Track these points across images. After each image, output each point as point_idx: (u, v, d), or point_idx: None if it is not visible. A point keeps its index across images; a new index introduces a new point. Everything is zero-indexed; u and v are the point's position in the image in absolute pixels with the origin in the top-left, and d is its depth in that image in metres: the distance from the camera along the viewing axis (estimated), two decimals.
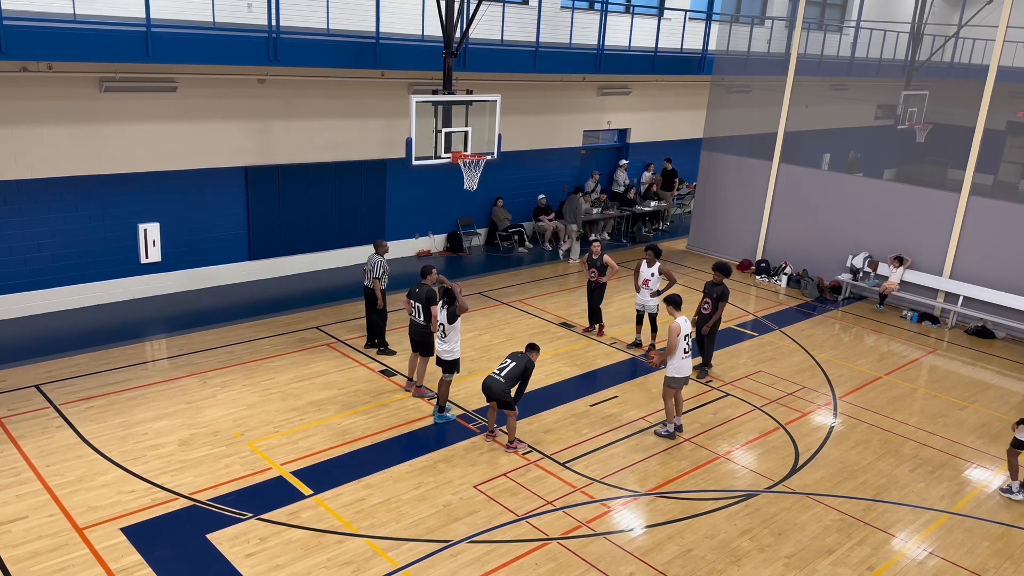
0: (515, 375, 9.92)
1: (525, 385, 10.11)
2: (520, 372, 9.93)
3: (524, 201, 20.05)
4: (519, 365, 9.94)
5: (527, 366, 10.00)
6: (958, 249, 15.99)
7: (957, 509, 9.64)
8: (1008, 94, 20.31)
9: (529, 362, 10.06)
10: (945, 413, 12.18)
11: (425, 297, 10.90)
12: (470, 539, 8.42)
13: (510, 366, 9.94)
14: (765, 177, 18.79)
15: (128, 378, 11.47)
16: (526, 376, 10.01)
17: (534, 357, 10.19)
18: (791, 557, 8.50)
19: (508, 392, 9.90)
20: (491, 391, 9.98)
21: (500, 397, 9.95)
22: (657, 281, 13.00)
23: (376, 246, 12.50)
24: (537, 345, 10.33)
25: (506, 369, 9.93)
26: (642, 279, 13.08)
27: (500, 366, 10.05)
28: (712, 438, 10.90)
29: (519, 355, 10.10)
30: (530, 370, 10.05)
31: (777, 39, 22.55)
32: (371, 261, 12.36)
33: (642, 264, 13.15)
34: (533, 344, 10.33)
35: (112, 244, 13.95)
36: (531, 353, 10.18)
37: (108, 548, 7.89)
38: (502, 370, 9.95)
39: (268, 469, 9.44)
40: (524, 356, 10.09)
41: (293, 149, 15.72)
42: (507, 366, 9.96)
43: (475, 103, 13.59)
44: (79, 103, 13.01)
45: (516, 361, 9.99)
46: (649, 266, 13.03)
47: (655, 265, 13.01)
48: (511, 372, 9.90)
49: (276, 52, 13.13)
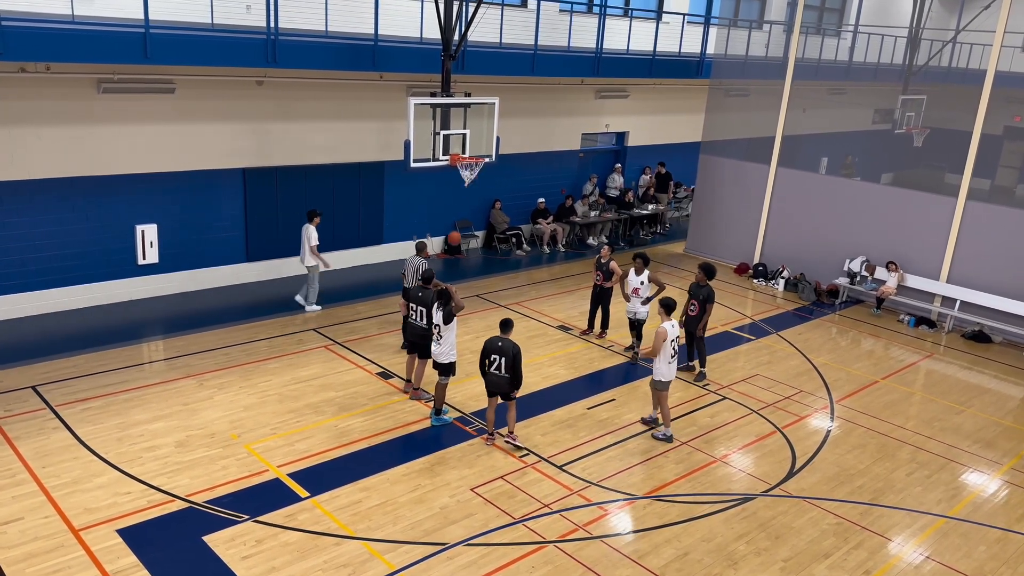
0: (510, 366, 9.86)
1: (520, 373, 9.97)
2: (512, 363, 9.85)
3: (522, 204, 20.05)
4: (508, 359, 9.85)
5: (514, 353, 9.85)
6: (955, 253, 16.02)
7: (954, 513, 9.64)
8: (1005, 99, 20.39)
9: (515, 346, 9.89)
10: (942, 417, 12.20)
11: (430, 301, 10.85)
12: (467, 542, 8.41)
13: (499, 362, 9.89)
14: (763, 181, 18.82)
15: (125, 379, 11.46)
16: (518, 361, 9.88)
17: (509, 334, 10.01)
18: (787, 561, 8.50)
19: (513, 384, 9.94)
20: (498, 388, 10.03)
21: (507, 391, 10.01)
22: (647, 289, 12.92)
23: (417, 248, 12.50)
24: (511, 320, 10.10)
25: (501, 365, 9.88)
26: (631, 288, 13.00)
27: (494, 365, 9.95)
28: (709, 442, 10.90)
29: (502, 346, 9.89)
30: (518, 354, 9.89)
31: (775, 43, 22.62)
32: (413, 263, 12.30)
33: (630, 272, 13.06)
34: (507, 320, 10.09)
35: (110, 245, 13.93)
36: (507, 332, 10.00)
37: (104, 550, 7.87)
38: (498, 367, 9.92)
39: (265, 471, 9.43)
40: (508, 343, 9.89)
41: (291, 151, 15.72)
42: (497, 362, 9.90)
43: (473, 106, 13.59)
44: (77, 104, 13.00)
45: (503, 355, 9.87)
46: (638, 274, 12.91)
47: (643, 273, 12.92)
48: (506, 366, 9.87)
49: (274, 54, 13.13)
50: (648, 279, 12.93)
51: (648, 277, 12.97)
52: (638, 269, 12.94)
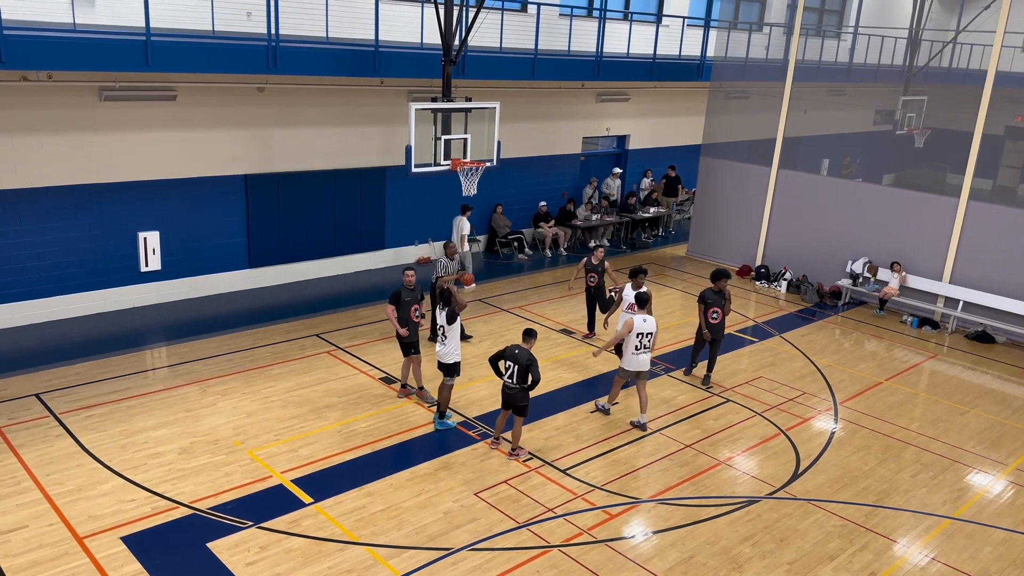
0: (523, 375, 9.79)
1: (538, 377, 9.86)
2: (525, 372, 9.78)
3: (524, 208, 20.06)
4: (522, 367, 9.78)
5: (528, 362, 9.78)
6: (957, 254, 16.00)
7: (959, 514, 9.62)
8: (1006, 99, 20.38)
9: (529, 357, 9.81)
10: (946, 418, 12.18)
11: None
12: (471, 547, 8.40)
13: (514, 369, 9.83)
14: (764, 183, 18.81)
15: (128, 387, 11.46)
16: (533, 370, 9.79)
17: (530, 345, 9.96)
18: (793, 563, 8.48)
19: (527, 395, 9.89)
20: (513, 399, 9.92)
21: (519, 403, 9.94)
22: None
23: (445, 248, 13.58)
24: (534, 331, 10.05)
25: (515, 374, 9.82)
26: (627, 304, 12.73)
27: (507, 373, 9.91)
28: (713, 444, 10.88)
29: (517, 354, 9.86)
30: (533, 363, 9.80)
31: (775, 45, 22.62)
32: (441, 263, 13.31)
33: (627, 287, 12.70)
34: (529, 331, 10.05)
35: (112, 253, 13.96)
36: (527, 342, 9.96)
37: (108, 557, 7.87)
38: (512, 376, 9.86)
39: (268, 477, 9.43)
40: (523, 353, 9.83)
41: (292, 157, 15.74)
42: (511, 370, 9.85)
43: (474, 110, 13.62)
44: (79, 112, 13.03)
45: (517, 363, 9.82)
46: (635, 290, 12.76)
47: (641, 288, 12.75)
48: (520, 374, 9.80)
49: (275, 60, 13.16)
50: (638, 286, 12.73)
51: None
52: (636, 285, 12.68)
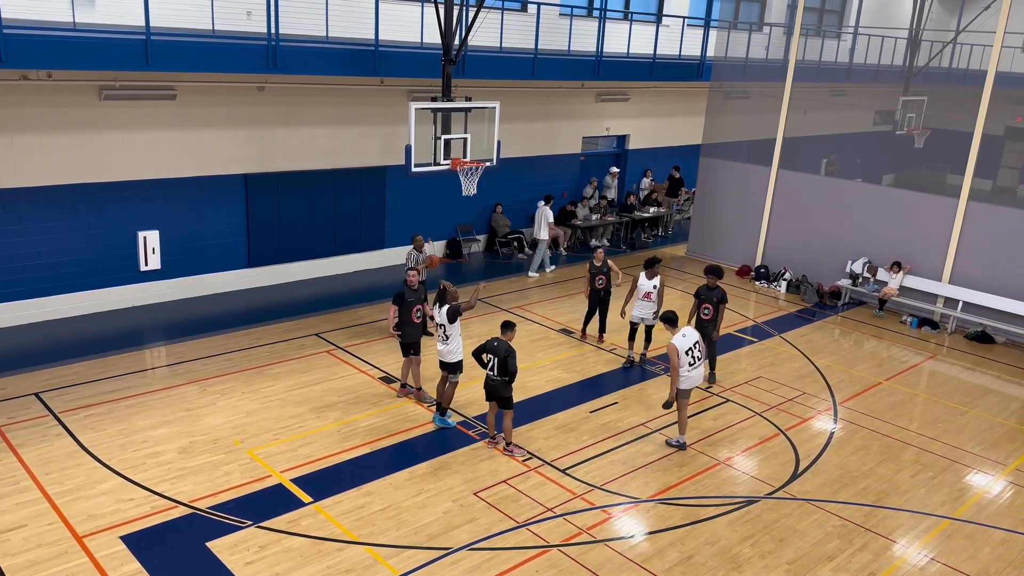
0: (503, 367, 9.83)
1: (514, 369, 9.88)
2: (504, 364, 9.81)
3: (523, 207, 20.06)
4: (500, 359, 9.81)
5: (506, 353, 9.81)
6: (957, 254, 16.00)
7: (958, 515, 9.62)
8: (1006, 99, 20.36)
9: (507, 348, 9.84)
10: (945, 418, 12.18)
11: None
12: (470, 546, 8.40)
13: (494, 362, 9.88)
14: (764, 183, 18.81)
15: (127, 386, 11.46)
16: (510, 361, 9.81)
17: (509, 337, 9.96)
18: (792, 563, 8.49)
19: (508, 387, 9.92)
20: (495, 391, 10.01)
21: (501, 395, 9.98)
22: (657, 294, 12.86)
23: (413, 240, 13.88)
24: (512, 322, 10.06)
25: (495, 366, 9.88)
26: (643, 293, 12.93)
27: (488, 365, 9.96)
28: (712, 444, 10.88)
29: (496, 346, 9.87)
30: (511, 354, 9.82)
31: (775, 45, 22.62)
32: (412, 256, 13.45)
33: (641, 277, 12.94)
34: (507, 322, 10.05)
35: (112, 252, 13.95)
36: (505, 334, 9.97)
37: (108, 556, 7.87)
38: (491, 368, 9.93)
39: (268, 476, 9.43)
40: (501, 345, 9.85)
41: (292, 156, 15.74)
42: (492, 362, 9.90)
43: (474, 110, 13.61)
44: (79, 111, 13.03)
45: (495, 355, 9.84)
46: (649, 279, 12.89)
47: (655, 278, 12.88)
48: (499, 366, 9.85)
49: (275, 60, 13.15)
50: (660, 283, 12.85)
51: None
52: (650, 274, 12.86)
